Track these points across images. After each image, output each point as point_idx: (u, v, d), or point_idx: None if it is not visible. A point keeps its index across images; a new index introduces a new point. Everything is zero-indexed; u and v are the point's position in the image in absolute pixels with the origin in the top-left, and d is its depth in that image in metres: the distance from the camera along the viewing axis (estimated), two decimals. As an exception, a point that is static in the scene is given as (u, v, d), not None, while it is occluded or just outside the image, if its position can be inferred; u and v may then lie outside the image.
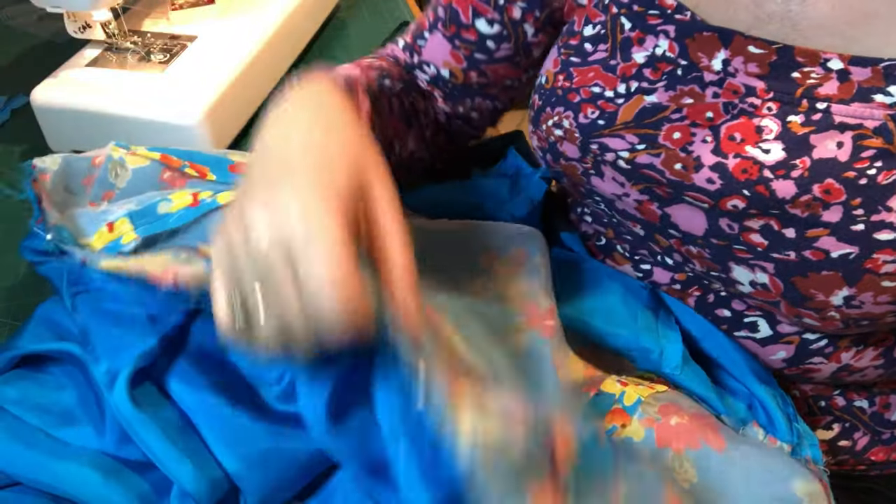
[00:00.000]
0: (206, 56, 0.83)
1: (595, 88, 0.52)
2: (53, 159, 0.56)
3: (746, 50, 0.46)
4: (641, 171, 0.50)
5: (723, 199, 0.47)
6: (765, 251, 0.47)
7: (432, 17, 0.64)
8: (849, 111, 0.43)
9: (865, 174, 0.43)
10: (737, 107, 0.47)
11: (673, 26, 0.49)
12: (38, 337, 0.53)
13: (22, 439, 0.46)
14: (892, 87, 0.42)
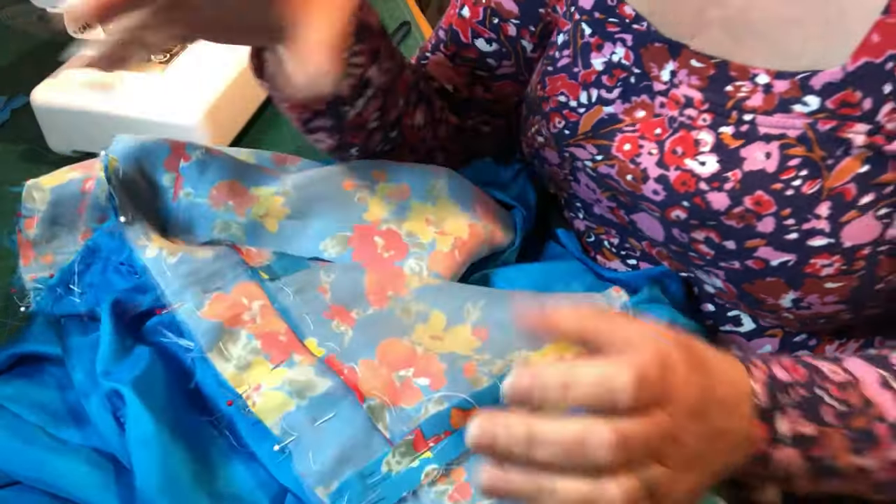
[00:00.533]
0: (206, 56, 0.83)
1: (561, 97, 0.54)
2: (42, 195, 0.56)
3: (690, 63, 0.49)
4: (605, 180, 0.53)
5: (668, 210, 0.50)
6: (713, 259, 0.50)
7: (434, 40, 0.66)
8: (772, 122, 0.45)
9: (791, 185, 0.45)
10: (676, 120, 0.49)
11: (630, 35, 0.51)
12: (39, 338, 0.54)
13: (20, 437, 0.47)
14: (808, 96, 0.44)
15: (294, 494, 0.43)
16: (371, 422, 0.44)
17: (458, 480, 0.42)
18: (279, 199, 0.57)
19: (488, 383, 0.46)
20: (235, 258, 0.50)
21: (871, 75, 0.42)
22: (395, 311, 0.50)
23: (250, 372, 0.45)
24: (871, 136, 0.43)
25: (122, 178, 0.54)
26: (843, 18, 0.43)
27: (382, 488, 0.41)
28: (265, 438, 0.43)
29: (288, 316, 0.48)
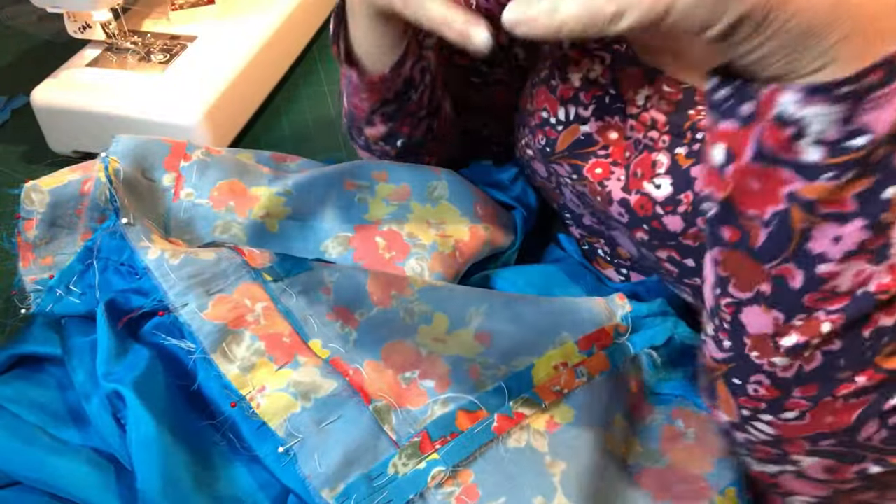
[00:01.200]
0: (205, 56, 0.83)
1: (544, 113, 0.55)
2: (41, 197, 0.56)
3: (662, 88, 0.49)
4: (583, 197, 0.54)
5: (633, 231, 0.51)
6: (679, 276, 0.51)
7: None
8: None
9: None
10: (641, 142, 0.50)
11: (609, 55, 0.51)
12: (39, 338, 0.54)
13: (20, 437, 0.47)
14: None
15: (297, 496, 0.43)
16: (377, 423, 0.43)
17: (465, 482, 0.42)
18: (280, 199, 0.56)
19: (493, 386, 0.45)
20: (238, 259, 0.50)
21: None
22: (399, 312, 0.50)
23: (254, 373, 0.44)
24: None
25: (122, 179, 0.54)
26: None
27: (389, 490, 0.41)
28: (269, 440, 0.43)
29: (292, 317, 0.48)
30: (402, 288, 0.51)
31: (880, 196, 0.30)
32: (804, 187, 0.31)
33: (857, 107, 0.28)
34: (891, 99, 0.28)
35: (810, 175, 0.31)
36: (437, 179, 0.59)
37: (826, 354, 0.35)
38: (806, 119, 0.29)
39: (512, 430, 0.44)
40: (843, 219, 0.31)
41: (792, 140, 0.30)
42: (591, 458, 0.44)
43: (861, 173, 0.30)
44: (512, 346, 0.48)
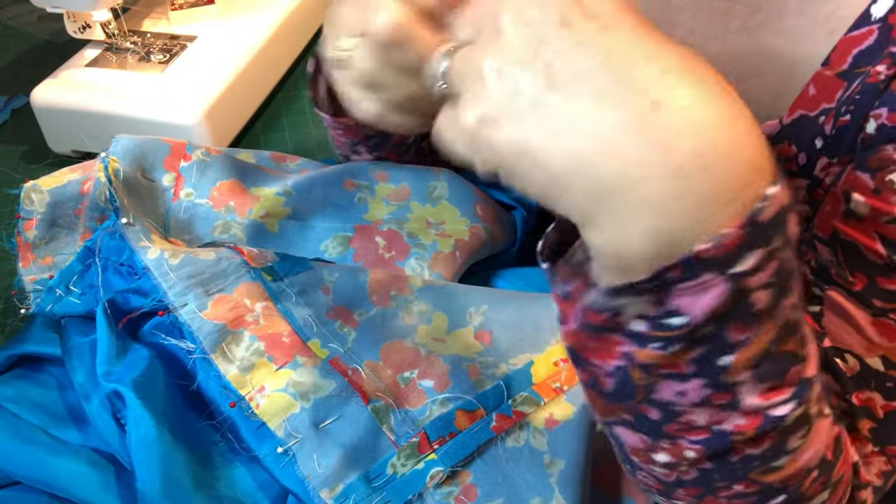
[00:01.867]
0: (205, 56, 0.83)
1: None
2: (41, 197, 0.56)
3: None
4: None
5: None
6: None
7: None
8: None
9: None
10: None
11: None
12: (39, 338, 0.54)
13: (20, 437, 0.47)
14: None
15: (296, 496, 0.43)
16: (376, 424, 0.43)
17: (464, 482, 0.42)
18: (280, 199, 0.56)
19: (492, 385, 0.45)
20: (238, 259, 0.50)
21: (804, 129, 0.41)
22: (398, 311, 0.50)
23: (254, 373, 0.44)
24: (812, 191, 0.42)
25: (121, 179, 0.54)
26: (792, 72, 0.42)
27: (388, 491, 0.41)
28: (268, 440, 0.43)
29: (291, 317, 0.48)
30: (402, 288, 0.51)
31: (716, 363, 0.29)
32: (637, 351, 0.30)
33: (665, 295, 0.27)
34: (705, 289, 0.27)
35: (640, 342, 0.29)
36: (436, 180, 0.59)
37: (700, 471, 0.34)
38: (619, 305, 0.29)
39: (511, 429, 0.44)
40: (683, 378, 0.30)
41: (612, 317, 0.29)
42: (584, 455, 0.44)
43: (689, 346, 0.29)
44: (511, 343, 0.48)
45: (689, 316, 0.27)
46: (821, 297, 0.40)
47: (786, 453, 0.33)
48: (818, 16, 0.40)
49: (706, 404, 0.31)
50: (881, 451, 0.40)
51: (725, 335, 0.28)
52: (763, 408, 0.31)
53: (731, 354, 0.29)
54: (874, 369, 0.38)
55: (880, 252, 0.36)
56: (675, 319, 0.28)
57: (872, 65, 0.38)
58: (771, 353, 0.30)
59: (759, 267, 0.27)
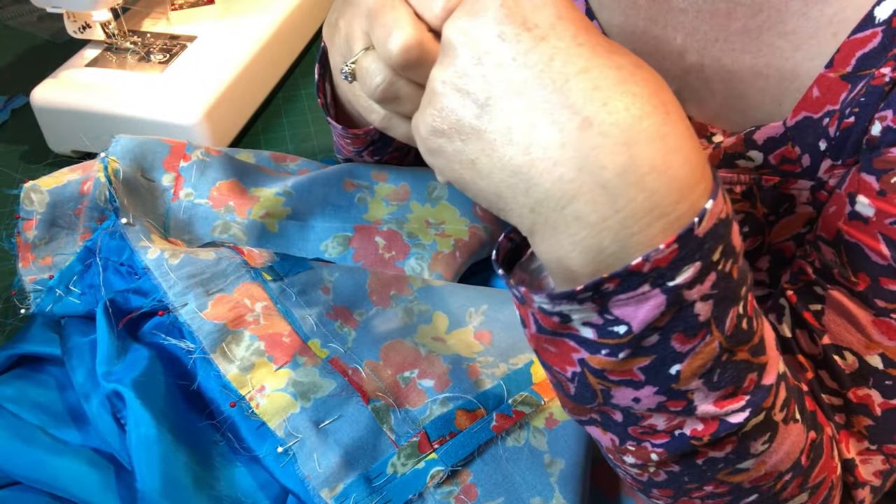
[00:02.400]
0: (205, 56, 0.83)
1: None
2: (41, 197, 0.56)
3: None
4: None
5: None
6: None
7: None
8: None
9: None
10: None
11: None
12: (39, 338, 0.54)
13: (20, 437, 0.47)
14: (751, 151, 0.44)
15: (296, 496, 0.43)
16: (376, 423, 0.43)
17: (464, 482, 0.42)
18: (280, 199, 0.56)
19: (492, 384, 0.45)
20: (238, 259, 0.50)
21: (808, 131, 0.41)
22: (398, 311, 0.50)
23: (254, 373, 0.44)
24: (816, 193, 0.42)
25: (121, 179, 0.54)
26: (796, 74, 0.42)
27: (388, 490, 0.41)
28: (268, 440, 0.43)
29: (291, 317, 0.48)
30: (402, 288, 0.51)
31: (668, 371, 0.30)
32: (589, 357, 0.30)
33: (604, 305, 0.28)
34: (643, 300, 0.27)
35: (591, 349, 0.30)
36: (436, 180, 0.59)
37: (669, 473, 0.35)
38: (566, 312, 0.29)
39: (511, 428, 0.44)
40: (636, 385, 0.31)
41: (562, 321, 0.30)
42: (584, 455, 0.44)
43: (635, 353, 0.29)
44: (511, 343, 0.48)
45: (631, 325, 0.28)
46: (823, 296, 0.40)
47: (751, 456, 0.34)
48: (821, 17, 0.40)
49: (662, 409, 0.32)
50: (879, 450, 0.40)
51: (670, 344, 0.29)
52: (718, 415, 0.31)
53: (678, 363, 0.29)
54: (873, 367, 0.38)
55: (884, 253, 0.36)
56: (618, 328, 0.28)
57: (877, 67, 0.38)
58: (721, 362, 0.30)
59: (697, 279, 0.27)
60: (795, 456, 0.36)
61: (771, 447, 0.34)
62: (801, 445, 0.36)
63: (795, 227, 0.44)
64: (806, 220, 0.44)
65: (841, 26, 0.39)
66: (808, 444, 0.37)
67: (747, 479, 0.35)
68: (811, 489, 0.38)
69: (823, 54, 0.40)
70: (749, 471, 0.35)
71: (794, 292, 0.42)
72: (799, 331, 0.42)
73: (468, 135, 0.29)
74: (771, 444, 0.34)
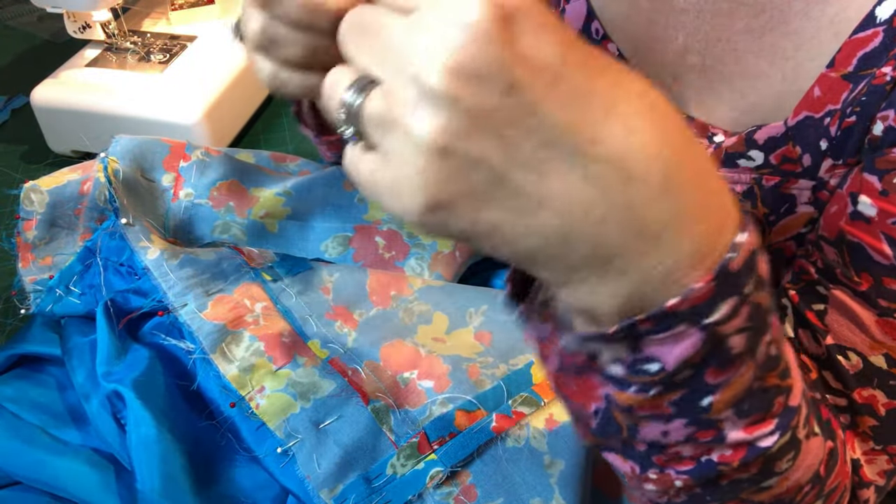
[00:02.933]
0: (205, 56, 0.83)
1: None
2: (41, 197, 0.56)
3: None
4: None
5: None
6: None
7: None
8: None
9: None
10: None
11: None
12: (39, 338, 0.54)
13: (21, 437, 0.47)
14: (752, 151, 0.43)
15: (295, 496, 0.43)
16: (376, 424, 0.43)
17: (464, 483, 0.42)
18: (280, 199, 0.56)
19: (492, 385, 0.45)
20: (238, 259, 0.50)
21: (809, 130, 0.41)
22: (398, 311, 0.50)
23: (253, 374, 0.44)
24: (817, 193, 0.42)
25: (121, 179, 0.54)
26: (797, 74, 0.42)
27: (387, 491, 0.41)
28: (268, 440, 0.43)
29: (291, 317, 0.48)
30: (402, 288, 0.51)
31: (697, 404, 0.28)
32: (616, 394, 0.29)
33: (637, 345, 0.26)
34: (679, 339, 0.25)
35: (619, 385, 0.28)
36: None
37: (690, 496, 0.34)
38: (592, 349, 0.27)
39: (511, 429, 0.44)
40: (665, 419, 0.29)
41: (589, 359, 0.28)
42: (584, 456, 0.44)
43: (667, 389, 0.28)
44: (511, 344, 0.48)
45: (664, 364, 0.27)
46: (825, 296, 0.40)
47: (775, 475, 0.33)
48: (823, 17, 0.40)
49: (691, 441, 0.31)
50: (883, 450, 0.40)
51: (703, 378, 0.28)
52: (748, 441, 0.31)
53: (711, 395, 0.28)
54: (877, 367, 0.38)
55: (887, 253, 0.36)
56: (651, 366, 0.27)
57: (878, 67, 0.38)
58: (752, 390, 0.29)
59: (732, 314, 0.26)
60: (815, 468, 0.35)
61: (794, 464, 0.33)
62: (821, 457, 0.35)
63: (796, 226, 0.44)
64: (807, 220, 0.44)
65: (842, 26, 0.39)
66: (826, 455, 0.36)
67: (769, 497, 0.34)
68: (826, 496, 0.37)
69: (825, 54, 0.40)
70: (772, 488, 0.34)
71: (797, 292, 0.42)
72: (802, 331, 0.41)
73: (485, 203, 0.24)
74: (794, 461, 0.33)
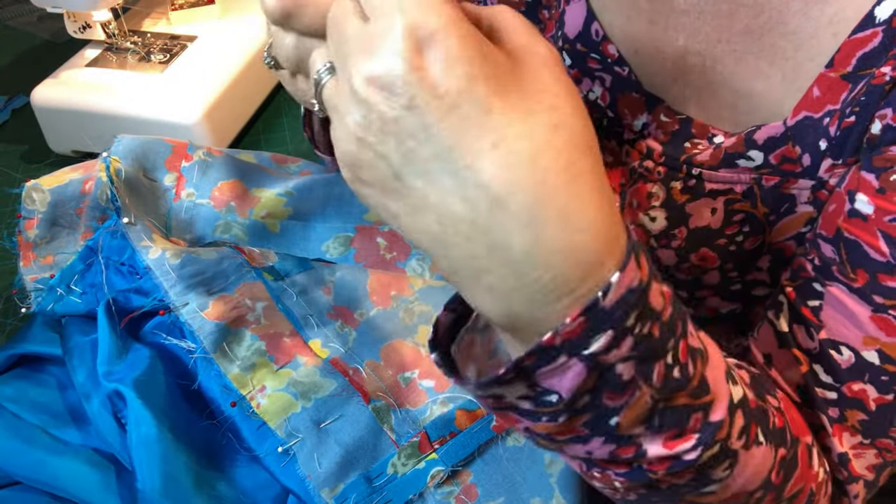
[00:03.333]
0: (205, 56, 0.83)
1: None
2: (42, 196, 0.56)
3: (660, 118, 0.48)
4: None
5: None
6: None
7: None
8: (718, 177, 0.45)
9: (735, 241, 0.46)
10: (636, 171, 0.49)
11: (610, 77, 0.50)
12: (39, 338, 0.54)
13: (21, 437, 0.47)
14: (751, 151, 0.44)
15: (296, 496, 0.43)
16: (377, 423, 0.44)
17: (465, 482, 0.42)
18: (281, 199, 0.56)
19: None
20: (239, 259, 0.50)
21: (808, 130, 0.41)
22: (399, 312, 0.50)
23: (255, 373, 0.45)
24: (816, 192, 0.42)
25: (123, 179, 0.54)
26: (797, 74, 0.42)
27: (388, 490, 0.41)
28: (269, 440, 0.43)
29: (292, 316, 0.48)
30: (403, 288, 0.51)
31: (606, 423, 0.30)
32: (533, 426, 0.31)
33: (531, 379, 0.28)
34: (564, 370, 0.27)
35: (532, 418, 0.30)
36: None
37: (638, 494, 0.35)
38: (497, 393, 0.29)
39: (511, 428, 0.44)
40: (584, 440, 0.31)
41: (499, 400, 0.30)
42: None
43: (573, 414, 0.29)
44: None
45: (560, 393, 0.28)
46: (821, 293, 0.40)
47: (714, 482, 0.34)
48: (822, 17, 0.40)
49: (615, 458, 0.32)
50: (872, 444, 0.40)
51: (602, 402, 0.29)
52: (669, 456, 0.32)
53: (616, 416, 0.30)
54: (869, 362, 0.39)
55: (882, 250, 0.36)
56: (550, 397, 0.28)
57: (877, 67, 0.38)
58: (659, 410, 0.30)
59: (613, 345, 0.27)
60: (763, 476, 0.36)
61: (734, 472, 0.34)
62: (769, 465, 0.36)
63: (796, 226, 0.44)
64: (806, 219, 0.44)
65: (841, 26, 0.39)
66: (776, 462, 0.37)
67: (717, 500, 0.35)
68: (789, 499, 0.38)
69: (824, 54, 0.40)
70: (715, 494, 0.35)
71: (794, 289, 0.42)
72: (796, 325, 0.42)
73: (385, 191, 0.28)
74: (732, 469, 0.34)
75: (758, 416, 0.36)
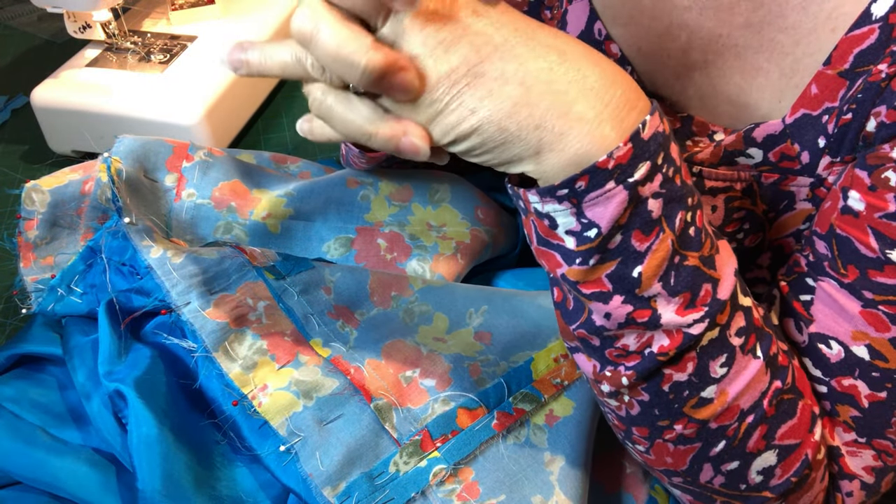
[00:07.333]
0: (206, 56, 0.83)
1: None
2: (42, 197, 0.56)
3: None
4: None
5: None
6: None
7: None
8: (718, 175, 0.46)
9: (735, 238, 0.46)
10: None
11: None
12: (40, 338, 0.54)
13: (21, 437, 0.47)
14: (751, 149, 0.44)
15: (297, 495, 0.43)
16: (378, 422, 0.44)
17: (466, 480, 0.42)
18: (282, 200, 0.56)
19: (493, 383, 0.45)
20: (240, 258, 0.50)
21: (807, 128, 0.42)
22: (399, 312, 0.50)
23: (256, 372, 0.45)
24: (815, 190, 0.43)
25: (124, 179, 0.54)
26: (795, 69, 0.42)
27: (391, 488, 0.41)
28: (270, 439, 0.43)
29: (293, 316, 0.48)
30: (403, 288, 0.51)
31: (630, 274, 0.34)
32: (567, 270, 0.35)
33: (580, 205, 0.33)
34: (607, 199, 0.32)
35: (569, 260, 0.35)
36: (439, 183, 0.59)
37: (641, 404, 0.39)
38: (552, 213, 0.34)
39: (512, 426, 0.44)
40: (605, 298, 0.35)
41: (551, 228, 0.34)
42: (584, 451, 0.44)
43: (603, 258, 0.34)
44: (511, 340, 0.49)
45: (600, 227, 0.33)
46: (813, 287, 0.41)
47: (711, 381, 0.37)
48: (820, 13, 0.40)
49: (632, 323, 0.36)
50: (868, 444, 0.40)
51: (631, 244, 0.34)
52: (681, 325, 0.35)
53: (639, 265, 0.34)
54: (858, 357, 0.39)
55: (872, 246, 0.37)
56: (591, 231, 0.33)
57: (874, 64, 0.38)
58: (675, 264, 0.35)
59: (648, 177, 0.32)
60: (756, 395, 0.38)
61: (729, 372, 0.37)
62: (763, 387, 0.38)
63: (795, 223, 0.44)
64: (805, 216, 0.44)
65: (839, 21, 0.40)
66: (770, 390, 0.38)
67: (712, 415, 0.37)
68: (779, 449, 0.39)
69: (822, 50, 0.41)
70: (713, 402, 0.37)
71: (787, 283, 0.43)
72: (785, 319, 0.42)
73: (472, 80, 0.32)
74: (729, 368, 0.37)
75: (758, 331, 0.39)
